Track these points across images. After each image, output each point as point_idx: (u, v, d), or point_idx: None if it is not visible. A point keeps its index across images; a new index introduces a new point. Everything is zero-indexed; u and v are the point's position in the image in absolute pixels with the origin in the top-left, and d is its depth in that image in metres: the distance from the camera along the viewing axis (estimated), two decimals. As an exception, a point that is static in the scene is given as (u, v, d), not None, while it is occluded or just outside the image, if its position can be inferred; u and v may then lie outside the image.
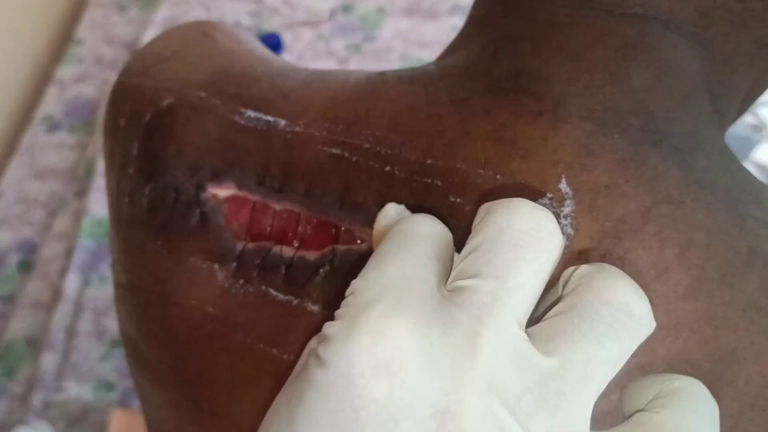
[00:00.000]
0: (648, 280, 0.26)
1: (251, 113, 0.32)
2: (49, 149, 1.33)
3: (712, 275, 0.26)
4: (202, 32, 0.38)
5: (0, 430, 0.99)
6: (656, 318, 0.24)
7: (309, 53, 1.36)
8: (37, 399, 1.00)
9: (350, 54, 1.35)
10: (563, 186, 0.26)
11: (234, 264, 0.31)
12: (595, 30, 0.28)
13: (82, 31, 1.52)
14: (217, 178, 0.32)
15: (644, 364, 0.26)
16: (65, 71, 1.45)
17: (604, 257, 0.26)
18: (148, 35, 1.43)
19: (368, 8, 1.41)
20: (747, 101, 0.34)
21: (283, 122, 0.31)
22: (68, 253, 1.15)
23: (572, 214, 0.26)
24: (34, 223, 1.23)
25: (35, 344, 1.07)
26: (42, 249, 1.19)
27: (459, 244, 0.25)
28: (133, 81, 0.36)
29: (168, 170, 0.33)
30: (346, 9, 1.42)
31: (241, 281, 0.31)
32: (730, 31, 0.29)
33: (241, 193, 0.32)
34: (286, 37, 1.38)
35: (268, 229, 0.31)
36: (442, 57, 0.33)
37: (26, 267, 1.18)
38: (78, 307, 1.09)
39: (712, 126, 0.29)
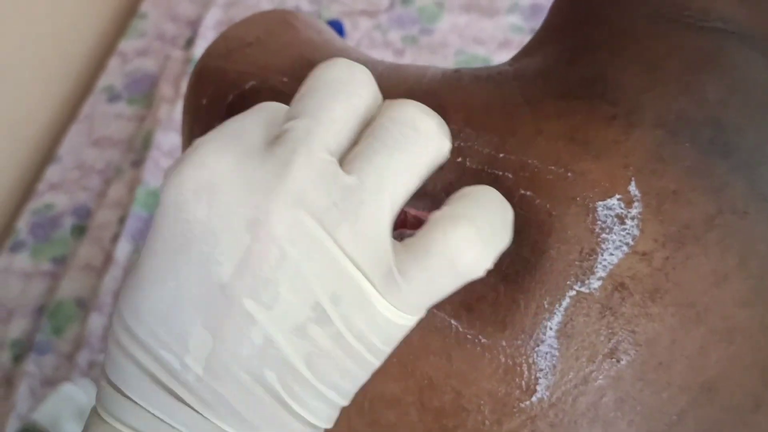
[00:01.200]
0: (707, 286, 0.27)
1: None
2: (108, 118, 1.37)
3: None
4: (283, 21, 0.40)
5: (46, 385, 1.04)
6: (713, 322, 0.25)
7: (365, 42, 1.38)
8: (82, 358, 1.04)
9: (406, 46, 1.36)
10: (632, 188, 0.27)
11: None
12: (672, 41, 0.30)
13: (147, 6, 1.56)
14: None
15: (697, 367, 0.27)
16: (128, 44, 1.49)
17: (667, 260, 0.27)
18: (211, 15, 1.47)
19: (427, 1, 1.42)
20: None
21: None
22: (121, 221, 1.19)
23: (639, 216, 0.27)
24: (90, 190, 1.28)
25: (84, 305, 1.11)
26: (96, 215, 1.23)
27: (517, 234, 0.26)
28: (216, 63, 0.38)
29: None
30: (405, 1, 1.43)
31: None
32: None
33: None
34: (345, 26, 1.40)
35: None
36: (516, 60, 0.35)
37: (79, 231, 1.22)
38: (127, 273, 1.13)
39: None
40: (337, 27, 0.99)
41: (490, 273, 0.28)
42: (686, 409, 0.27)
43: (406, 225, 0.31)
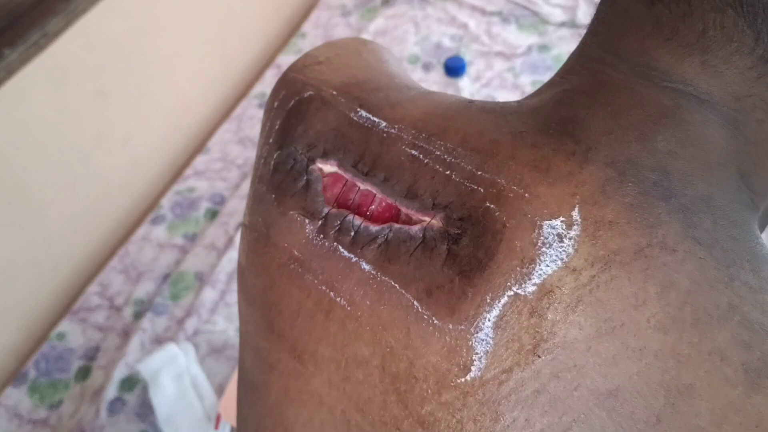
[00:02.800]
0: (626, 306, 0.30)
1: (363, 113, 0.40)
2: (255, 121, 1.52)
3: (686, 317, 0.30)
4: (353, 47, 0.48)
5: (155, 342, 1.17)
6: (626, 338, 0.29)
7: (496, 82, 1.43)
8: (190, 324, 1.16)
9: (535, 90, 1.40)
10: (575, 213, 0.31)
11: (320, 222, 0.39)
12: (638, 95, 0.33)
13: (308, 26, 1.72)
14: (325, 156, 0.40)
15: (606, 374, 0.30)
16: (285, 58, 1.65)
17: (593, 278, 0.30)
18: (360, 40, 1.59)
19: (564, 50, 1.45)
20: None
21: (383, 124, 0.39)
22: (246, 212, 1.31)
23: (576, 237, 0.31)
24: (228, 180, 1.42)
25: (201, 278, 1.24)
26: (228, 202, 1.37)
27: (478, 237, 0.31)
28: (292, 74, 0.46)
29: (293, 143, 0.42)
30: (543, 48, 1.48)
31: (321, 236, 0.39)
32: (762, 118, 0.33)
33: (339, 171, 0.40)
34: (480, 64, 1.47)
35: (350, 201, 0.39)
36: (529, 97, 0.40)
37: (212, 214, 1.36)
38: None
39: (735, 198, 0.33)
40: (459, 63, 1.05)
41: (452, 267, 0.33)
42: (592, 409, 0.30)
43: (398, 220, 0.37)
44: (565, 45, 1.48)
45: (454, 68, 1.06)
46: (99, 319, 1.22)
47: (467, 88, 1.13)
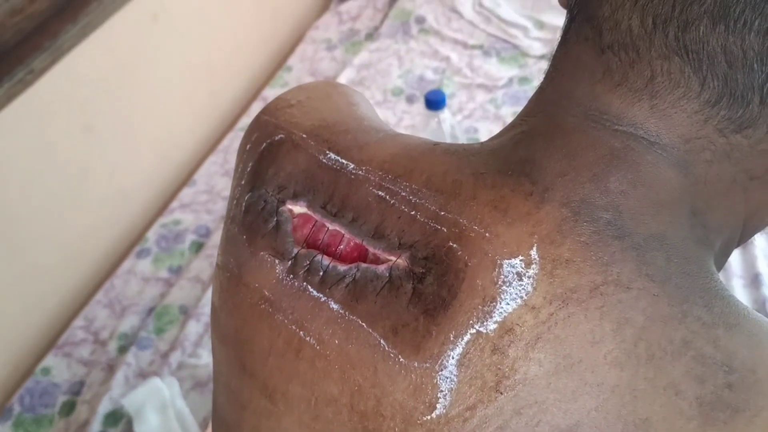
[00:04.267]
0: (583, 342, 0.31)
1: (332, 155, 0.42)
2: (241, 154, 1.53)
3: (641, 353, 0.31)
4: (324, 91, 0.49)
5: (139, 376, 1.16)
6: (584, 373, 0.30)
7: (479, 113, 1.46)
8: (174, 358, 1.16)
9: (517, 121, 1.43)
10: (533, 252, 0.32)
11: (289, 262, 0.40)
12: (590, 138, 0.35)
13: (293, 60, 1.74)
14: (295, 197, 0.42)
15: (566, 410, 0.31)
16: (271, 91, 1.67)
17: (551, 315, 0.31)
18: (344, 74, 1.62)
19: (544, 83, 1.48)
20: (760, 224, 0.39)
21: (351, 166, 0.40)
22: (231, 244, 1.32)
23: (535, 276, 0.32)
24: (213, 213, 1.43)
25: (186, 312, 1.24)
26: (214, 235, 1.37)
27: (441, 276, 0.33)
28: (264, 117, 0.47)
29: (264, 185, 0.43)
30: (524, 80, 1.51)
31: (291, 276, 0.40)
32: (711, 159, 0.34)
33: (308, 212, 0.41)
34: (462, 96, 1.49)
35: (319, 242, 0.40)
36: (491, 138, 0.41)
37: (197, 247, 1.37)
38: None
39: (688, 235, 0.34)
40: (440, 96, 1.08)
41: (417, 305, 0.34)
42: None
43: (366, 260, 0.38)
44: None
45: (434, 101, 1.08)
46: (84, 353, 1.22)
47: (448, 120, 1.15)
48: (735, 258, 1.16)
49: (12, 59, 1.16)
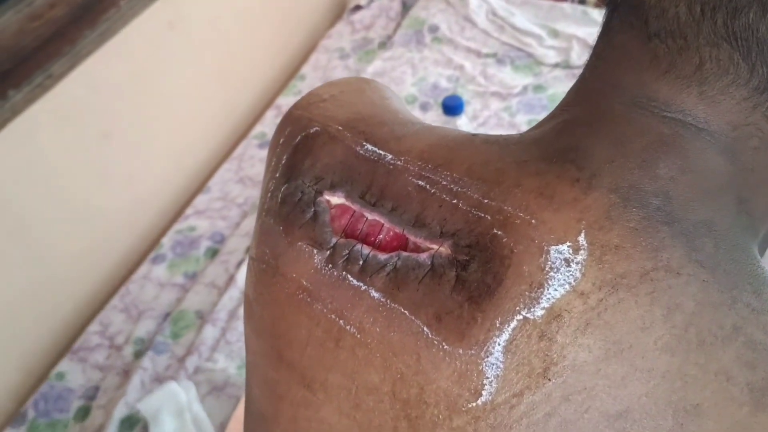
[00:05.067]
0: (633, 328, 0.31)
1: (370, 147, 0.41)
2: (255, 160, 1.54)
3: (692, 338, 0.30)
4: (356, 86, 0.49)
5: (155, 381, 1.16)
6: (634, 359, 0.30)
7: (493, 121, 1.46)
8: (190, 363, 1.16)
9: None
10: (581, 238, 0.32)
11: (328, 252, 0.40)
12: (638, 125, 0.35)
13: (307, 69, 1.75)
14: (332, 188, 0.41)
15: (616, 396, 0.31)
16: (285, 100, 1.68)
17: (601, 301, 0.31)
18: (359, 82, 1.62)
19: (558, 90, 1.48)
20: None
21: (389, 156, 0.40)
22: (248, 250, 1.32)
23: (583, 262, 0.32)
24: (228, 219, 1.43)
25: (202, 317, 1.24)
26: (228, 241, 1.38)
27: (486, 263, 0.33)
28: (297, 112, 0.47)
29: (300, 176, 0.43)
30: (538, 88, 1.51)
31: (330, 266, 0.39)
32: (759, 146, 0.34)
33: (346, 202, 0.41)
34: (476, 104, 1.50)
35: (359, 232, 0.40)
36: (530, 129, 0.41)
37: (212, 253, 1.37)
38: (243, 296, 1.25)
39: (735, 222, 0.34)
40: (457, 102, 1.08)
41: (461, 292, 0.34)
42: (602, 430, 0.31)
43: (406, 248, 0.38)
44: (560, 85, 1.51)
45: (452, 107, 1.08)
46: (99, 358, 1.21)
47: (465, 126, 1.16)
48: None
49: (31, 64, 1.17)
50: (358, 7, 1.90)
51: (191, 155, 1.56)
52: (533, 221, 0.33)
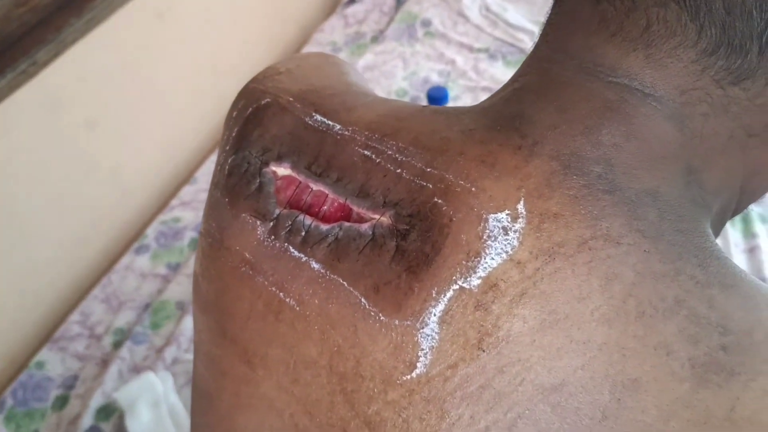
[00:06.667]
0: (569, 298, 0.30)
1: (319, 117, 0.40)
2: (243, 153, 1.53)
3: (631, 310, 0.29)
4: (315, 60, 0.49)
5: (133, 371, 1.15)
6: (570, 330, 0.29)
7: (483, 116, 1.45)
8: (169, 353, 1.15)
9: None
10: (520, 206, 0.31)
11: (271, 223, 0.39)
12: (584, 90, 0.34)
13: (299, 62, 1.74)
14: (279, 159, 0.40)
15: (551, 368, 0.30)
16: (275, 93, 1.66)
17: (537, 270, 0.30)
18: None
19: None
20: (758, 189, 0.37)
21: (338, 127, 0.39)
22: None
23: (521, 230, 0.31)
24: (213, 211, 1.42)
25: (182, 308, 1.23)
26: (212, 233, 1.36)
27: (425, 232, 0.32)
28: (252, 85, 0.46)
29: (248, 147, 0.42)
30: (529, 83, 1.50)
31: (272, 237, 0.38)
32: (708, 112, 0.33)
33: (292, 173, 0.40)
34: (467, 99, 1.48)
35: (303, 203, 0.39)
36: (485, 99, 0.40)
37: (196, 243, 1.36)
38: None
39: (684, 194, 0.33)
40: (442, 93, 1.07)
41: (400, 262, 0.32)
42: (537, 404, 0.30)
43: (350, 219, 0.37)
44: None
45: (436, 98, 1.07)
46: (78, 348, 1.20)
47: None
48: (741, 263, 1.15)
49: (16, 51, 1.16)
50: (351, 1, 1.89)
51: (178, 146, 1.55)
52: (473, 189, 0.32)
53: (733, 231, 1.19)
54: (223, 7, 1.60)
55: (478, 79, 1.54)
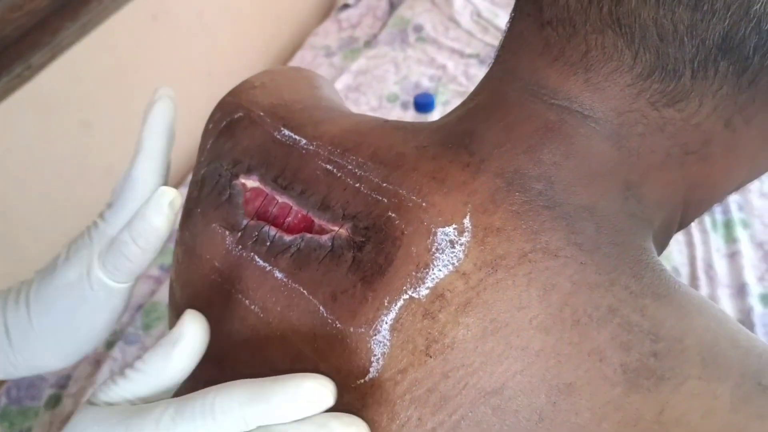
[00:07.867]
0: (509, 307, 0.32)
1: (286, 132, 0.42)
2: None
3: (567, 318, 0.31)
4: (288, 74, 0.50)
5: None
6: (509, 337, 0.31)
7: (472, 120, 1.47)
8: (160, 353, 1.17)
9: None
10: (466, 221, 0.33)
11: (239, 234, 0.41)
12: (527, 111, 0.36)
13: (293, 65, 1.76)
14: (249, 171, 0.42)
15: (492, 373, 0.32)
16: (269, 96, 1.68)
17: (481, 281, 0.32)
18: (342, 79, 1.63)
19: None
20: (703, 201, 0.39)
21: (303, 141, 0.41)
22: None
23: (466, 243, 0.33)
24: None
25: (173, 308, 1.25)
26: (204, 234, 1.38)
27: (380, 244, 0.34)
28: (228, 98, 0.48)
29: (219, 160, 0.44)
30: (518, 89, 1.52)
31: (239, 247, 0.40)
32: (644, 132, 0.35)
33: (260, 185, 0.42)
34: (457, 103, 1.49)
35: (269, 214, 0.41)
36: (441, 117, 0.42)
37: (188, 246, 1.38)
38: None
39: (622, 208, 0.35)
40: (429, 99, 1.09)
41: (356, 272, 0.35)
42: (478, 406, 0.32)
43: (312, 231, 0.39)
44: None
45: (423, 104, 1.09)
46: (71, 347, 1.22)
47: (439, 125, 1.17)
48: (722, 268, 1.17)
49: (11, 54, 1.18)
50: (346, 6, 1.90)
51: (174, 148, 1.56)
52: (424, 204, 0.34)
53: (714, 236, 1.21)
54: (217, 11, 1.62)
55: (468, 84, 1.56)
